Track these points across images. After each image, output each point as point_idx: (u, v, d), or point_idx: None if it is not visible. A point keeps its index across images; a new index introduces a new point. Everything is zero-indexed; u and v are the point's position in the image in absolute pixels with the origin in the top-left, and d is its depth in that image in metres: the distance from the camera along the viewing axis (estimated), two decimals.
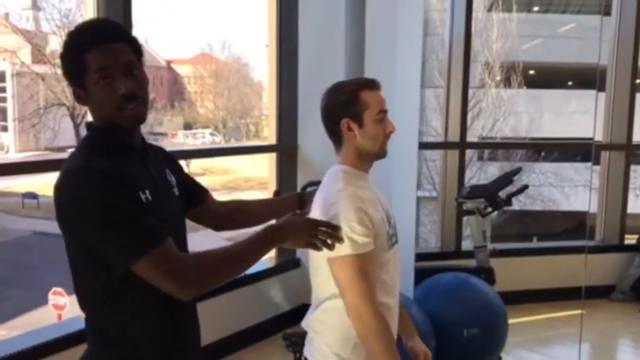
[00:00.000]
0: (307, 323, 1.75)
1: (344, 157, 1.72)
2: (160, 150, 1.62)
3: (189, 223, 1.63)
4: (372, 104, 1.67)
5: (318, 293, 1.72)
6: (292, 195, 1.91)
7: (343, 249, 1.58)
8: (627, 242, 5.26)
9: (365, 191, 1.68)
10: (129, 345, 1.39)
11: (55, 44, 19.76)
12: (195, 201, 1.69)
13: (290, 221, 1.47)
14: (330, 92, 1.72)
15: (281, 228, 1.45)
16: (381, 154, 1.71)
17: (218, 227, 1.80)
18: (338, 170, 1.71)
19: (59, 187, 1.32)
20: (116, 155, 1.37)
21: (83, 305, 1.43)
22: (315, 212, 1.67)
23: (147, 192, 1.36)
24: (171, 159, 1.64)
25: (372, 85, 1.70)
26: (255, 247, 1.41)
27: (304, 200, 1.83)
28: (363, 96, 1.67)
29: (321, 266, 1.65)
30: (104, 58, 1.34)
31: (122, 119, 1.37)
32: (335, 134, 1.72)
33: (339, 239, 1.51)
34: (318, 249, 1.50)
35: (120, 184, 1.30)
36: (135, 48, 1.41)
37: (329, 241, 1.50)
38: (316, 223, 1.51)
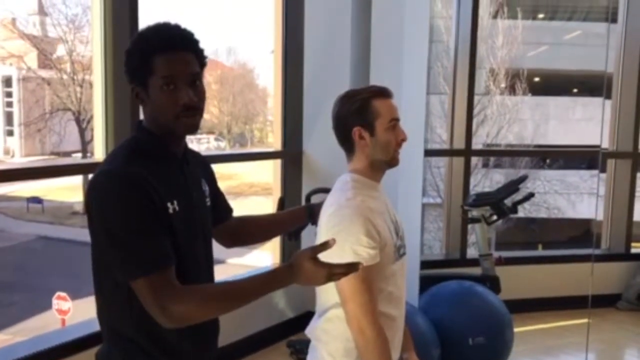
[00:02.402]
0: (310, 331, 1.75)
1: (355, 166, 1.71)
2: (198, 157, 1.63)
3: None
4: (384, 112, 1.66)
5: (322, 301, 1.71)
6: (301, 208, 1.88)
7: (348, 261, 1.56)
8: (633, 250, 5.23)
9: (374, 201, 1.66)
10: (139, 350, 1.41)
11: (62, 50, 19.83)
12: (217, 219, 1.68)
13: (299, 266, 1.33)
14: (342, 100, 1.70)
15: (288, 273, 1.35)
16: (393, 162, 1.70)
17: (229, 244, 1.79)
18: (348, 179, 1.70)
19: (90, 185, 1.36)
20: (156, 161, 1.40)
21: (98, 300, 1.46)
22: (322, 221, 1.66)
23: (176, 202, 1.38)
24: (207, 168, 1.66)
25: (384, 93, 1.69)
26: (257, 291, 1.36)
27: (313, 211, 1.81)
28: (375, 104, 1.66)
29: None
30: (172, 66, 1.35)
31: (178, 127, 1.39)
32: (346, 142, 1.70)
33: (357, 269, 1.38)
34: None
35: (146, 195, 1.32)
36: (200, 59, 1.42)
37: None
38: (330, 269, 1.35)
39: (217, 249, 1.79)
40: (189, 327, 1.40)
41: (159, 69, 1.35)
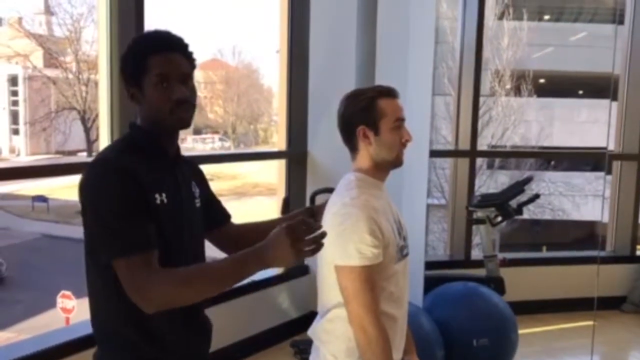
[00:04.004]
0: (313, 332, 1.75)
1: (359, 165, 1.71)
2: (191, 163, 1.68)
3: None
4: (389, 112, 1.67)
5: (324, 301, 1.71)
6: (303, 210, 1.87)
7: (352, 260, 1.57)
8: (638, 252, 5.21)
9: (378, 201, 1.66)
10: (131, 348, 1.43)
11: (69, 51, 19.89)
12: (213, 223, 1.70)
13: (271, 240, 1.34)
14: (348, 99, 1.71)
15: (260, 249, 1.35)
16: (397, 162, 1.70)
17: (230, 251, 1.72)
18: (352, 177, 1.70)
19: (83, 175, 1.43)
20: (148, 157, 1.47)
21: (91, 300, 1.48)
22: (327, 220, 1.65)
23: (164, 195, 1.45)
24: (200, 174, 1.70)
25: (390, 93, 1.69)
26: (234, 270, 1.36)
27: (316, 212, 1.78)
28: (380, 104, 1.67)
29: (328, 274, 1.64)
30: (165, 64, 1.45)
31: (172, 121, 1.47)
32: (351, 141, 1.71)
33: (322, 239, 1.34)
34: (310, 255, 1.37)
35: (133, 183, 1.38)
36: (190, 62, 1.52)
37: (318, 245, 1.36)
38: (295, 233, 1.32)
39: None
40: (178, 321, 1.44)
41: (153, 67, 1.44)
